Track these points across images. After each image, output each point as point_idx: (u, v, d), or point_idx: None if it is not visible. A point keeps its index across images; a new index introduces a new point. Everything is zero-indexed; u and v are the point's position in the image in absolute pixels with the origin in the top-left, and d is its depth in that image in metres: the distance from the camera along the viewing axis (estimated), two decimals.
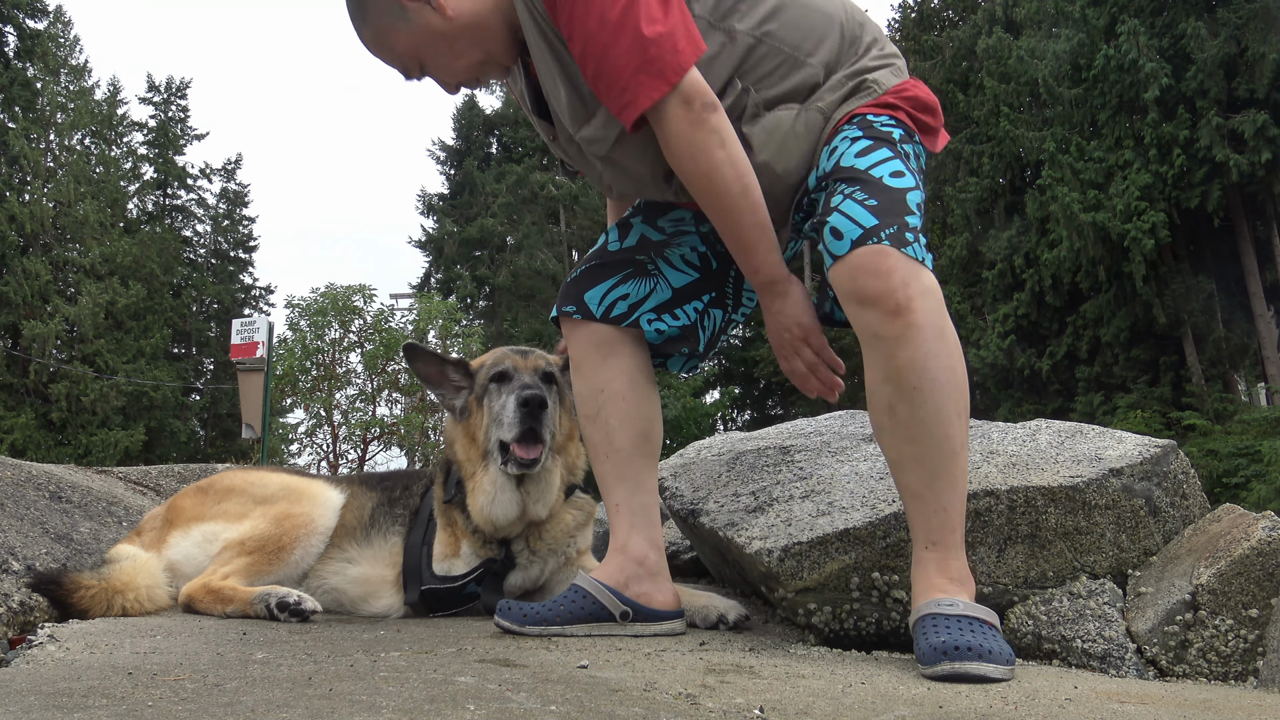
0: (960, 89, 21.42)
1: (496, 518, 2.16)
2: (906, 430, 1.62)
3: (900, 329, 1.57)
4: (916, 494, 1.64)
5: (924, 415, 1.60)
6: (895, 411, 1.62)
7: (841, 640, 1.96)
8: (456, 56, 1.78)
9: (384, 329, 19.07)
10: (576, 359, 1.99)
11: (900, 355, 1.58)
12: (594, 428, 1.96)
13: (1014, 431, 2.26)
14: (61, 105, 26.61)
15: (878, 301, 1.58)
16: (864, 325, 1.61)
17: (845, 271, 1.62)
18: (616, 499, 1.92)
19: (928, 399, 1.59)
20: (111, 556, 2.10)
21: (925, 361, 1.58)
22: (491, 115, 29.96)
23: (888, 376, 1.61)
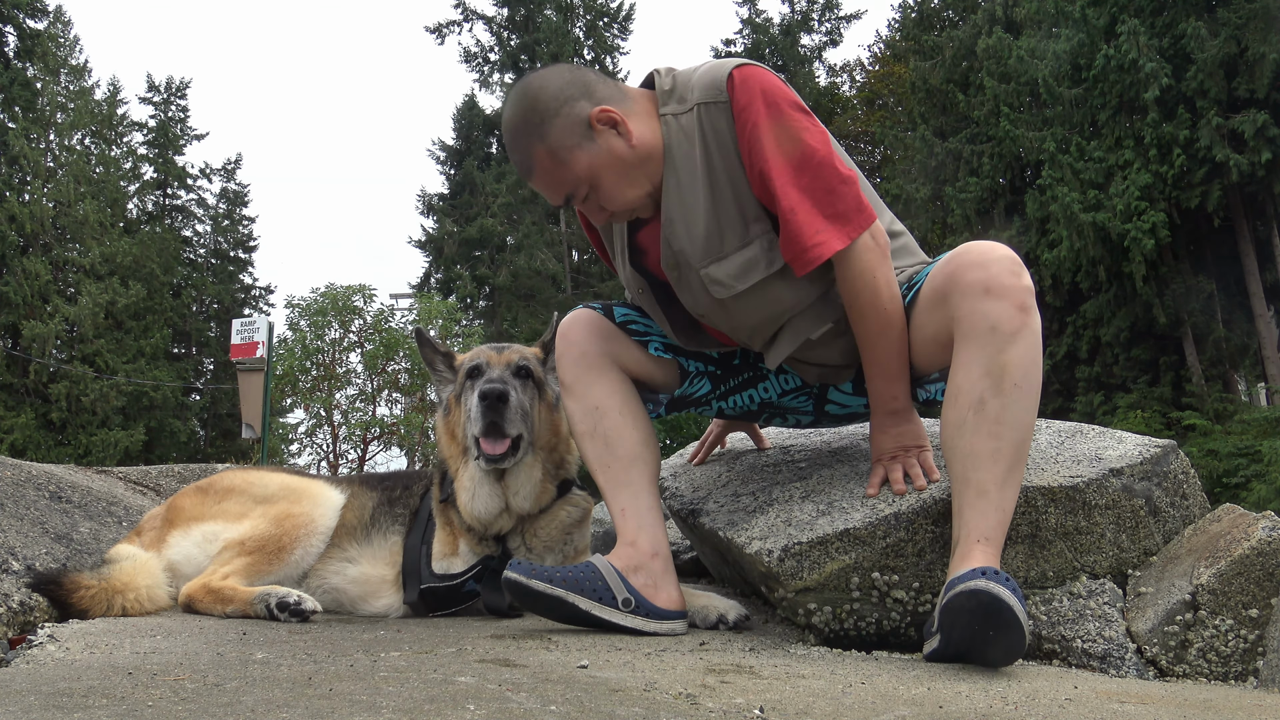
0: (960, 89, 21.40)
1: (479, 512, 2.17)
2: (992, 426, 1.64)
3: (1020, 325, 1.63)
4: (983, 490, 1.65)
5: (1015, 414, 1.64)
6: (985, 406, 1.64)
7: (841, 640, 1.96)
8: (630, 185, 1.83)
9: (384, 329, 19.07)
10: (568, 381, 2.03)
11: (1011, 351, 1.63)
12: (592, 443, 2.00)
13: None
14: (61, 105, 26.61)
15: (1009, 294, 1.63)
16: (983, 315, 1.64)
17: (977, 258, 1.68)
18: (621, 504, 1.95)
19: (1023, 399, 1.64)
20: (111, 556, 2.10)
21: (1032, 363, 1.64)
22: (491, 115, 29.95)
23: (989, 370, 1.64)
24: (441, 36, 29.78)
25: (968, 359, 1.67)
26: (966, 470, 1.68)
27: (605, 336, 2.05)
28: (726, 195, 1.81)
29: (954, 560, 1.68)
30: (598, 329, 2.05)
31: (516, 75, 29.72)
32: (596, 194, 1.84)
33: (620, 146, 1.79)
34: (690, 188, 1.82)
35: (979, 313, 1.65)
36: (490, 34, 29.98)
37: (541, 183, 1.86)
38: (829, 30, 29.36)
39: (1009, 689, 1.44)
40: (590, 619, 1.81)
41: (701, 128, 1.79)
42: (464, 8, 29.61)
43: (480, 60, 30.12)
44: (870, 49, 28.85)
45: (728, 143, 1.78)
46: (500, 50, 29.84)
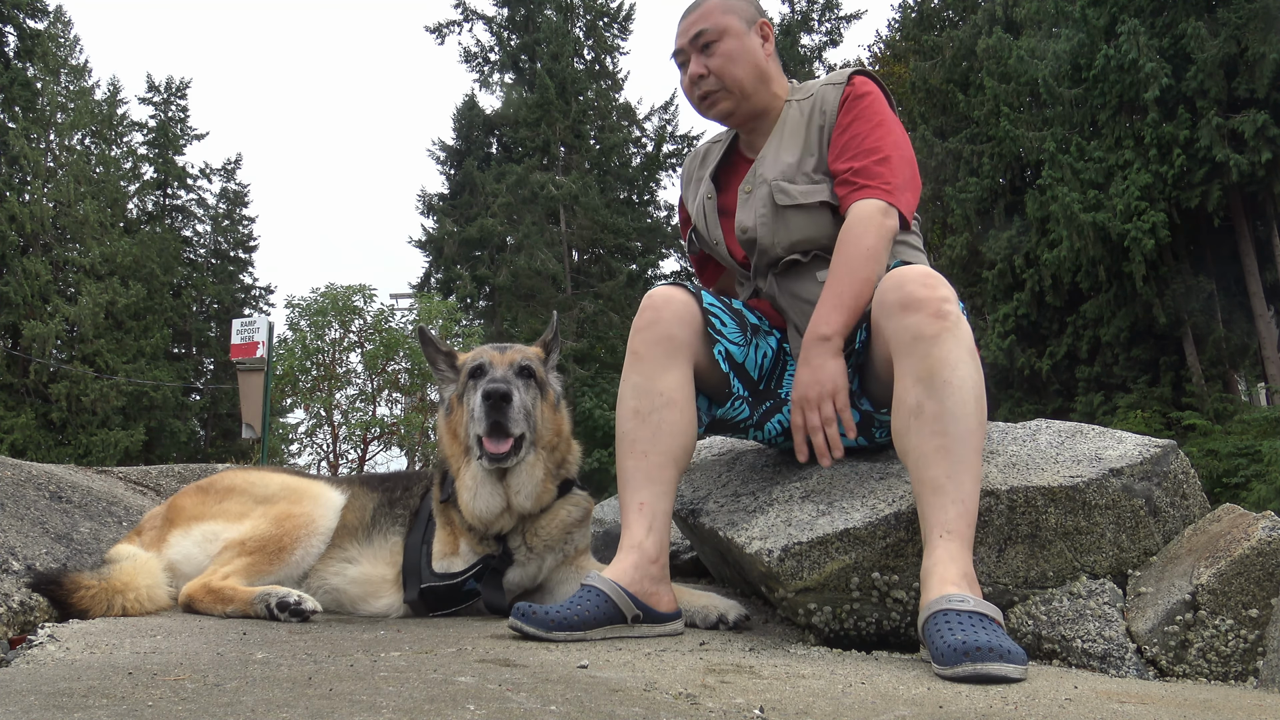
0: (960, 89, 21.38)
1: (481, 512, 2.17)
2: (934, 424, 1.72)
3: (939, 329, 1.75)
4: (938, 486, 1.69)
5: (952, 407, 1.72)
6: (923, 409, 1.74)
7: (841, 640, 1.96)
8: (737, 69, 2.23)
9: (384, 329, 19.06)
10: (640, 350, 2.03)
11: (935, 353, 1.74)
12: (641, 425, 1.98)
13: (1014, 431, 2.26)
14: (61, 105, 26.58)
15: (923, 305, 1.77)
16: (905, 328, 1.78)
17: (894, 281, 1.84)
18: (642, 498, 1.93)
19: (956, 393, 1.72)
20: (111, 556, 2.10)
21: (958, 360, 1.74)
22: (491, 115, 29.93)
23: (919, 376, 1.75)
24: (441, 36, 29.76)
25: (901, 372, 1.80)
26: (918, 470, 1.74)
27: (694, 328, 2.06)
28: (814, 149, 2.20)
29: (924, 562, 1.69)
30: (690, 317, 2.06)
31: (516, 75, 29.72)
32: (714, 49, 2.23)
33: (755, 48, 2.26)
34: (788, 143, 2.23)
35: (901, 327, 1.79)
36: (490, 34, 29.98)
37: (694, 16, 2.27)
38: (829, 30, 29.34)
39: (1009, 689, 1.44)
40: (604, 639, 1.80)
41: (816, 102, 2.22)
42: (464, 8, 29.60)
43: (480, 60, 30.11)
44: (870, 49, 28.79)
45: (830, 112, 2.20)
46: (500, 50, 29.82)
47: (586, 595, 1.81)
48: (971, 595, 1.60)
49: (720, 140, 2.50)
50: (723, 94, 2.26)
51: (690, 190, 2.50)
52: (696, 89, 2.28)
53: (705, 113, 2.31)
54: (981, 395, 1.76)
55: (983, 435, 1.75)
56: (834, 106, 2.19)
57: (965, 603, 1.57)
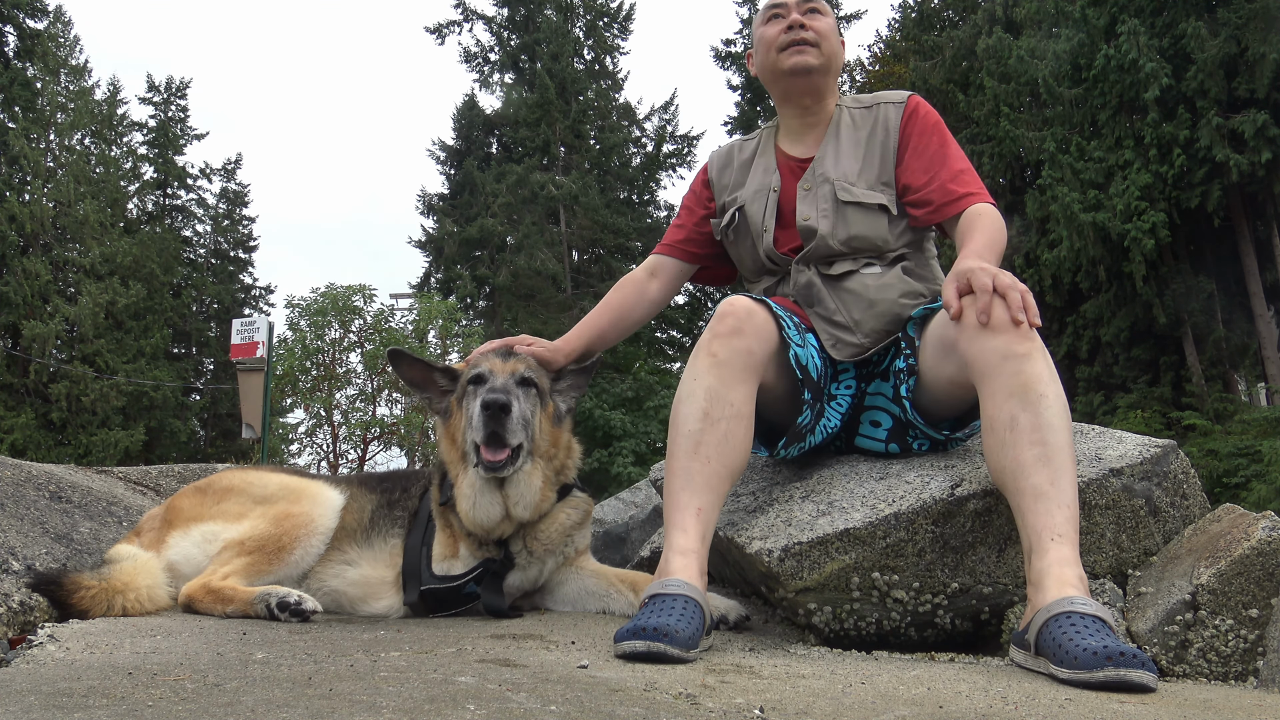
0: (960, 89, 21.39)
1: (479, 519, 2.16)
2: (1031, 434, 1.75)
3: (1029, 348, 1.80)
4: (1041, 493, 1.71)
5: (1050, 419, 1.76)
6: (1017, 422, 1.77)
7: (841, 640, 1.96)
8: (833, 43, 2.41)
9: (384, 329, 19.05)
10: (720, 355, 1.99)
11: (1027, 369, 1.78)
12: (710, 429, 1.93)
13: None
14: (61, 105, 26.57)
15: (1009, 326, 1.81)
16: (994, 349, 1.81)
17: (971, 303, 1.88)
18: (700, 503, 1.87)
19: (1052, 404, 1.77)
20: (111, 556, 2.10)
21: (1049, 377, 1.80)
22: (491, 115, 29.92)
23: (1013, 392, 1.78)
24: (441, 36, 29.76)
25: (990, 390, 1.82)
26: (1018, 481, 1.74)
27: (771, 346, 2.05)
28: (875, 161, 2.33)
29: (1034, 563, 1.66)
30: (769, 335, 2.05)
31: (516, 75, 29.71)
32: (819, 18, 2.40)
33: (839, 40, 2.46)
34: (848, 150, 2.36)
35: (989, 348, 1.82)
36: (490, 34, 29.97)
37: None
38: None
39: (1009, 689, 1.44)
40: (681, 660, 1.61)
41: (875, 117, 2.37)
42: (464, 8, 29.59)
43: (480, 60, 30.10)
44: (870, 49, 28.81)
45: (892, 130, 2.34)
46: (500, 50, 29.81)
47: (688, 606, 1.69)
48: (1092, 600, 1.58)
49: (752, 139, 2.57)
50: (814, 51, 2.37)
51: (726, 176, 2.53)
52: (790, 34, 2.37)
53: (785, 61, 2.37)
54: (1067, 409, 1.82)
55: (1072, 447, 1.78)
56: (896, 124, 2.33)
57: (1089, 606, 1.55)
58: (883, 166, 2.32)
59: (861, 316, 2.22)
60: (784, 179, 2.42)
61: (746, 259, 2.48)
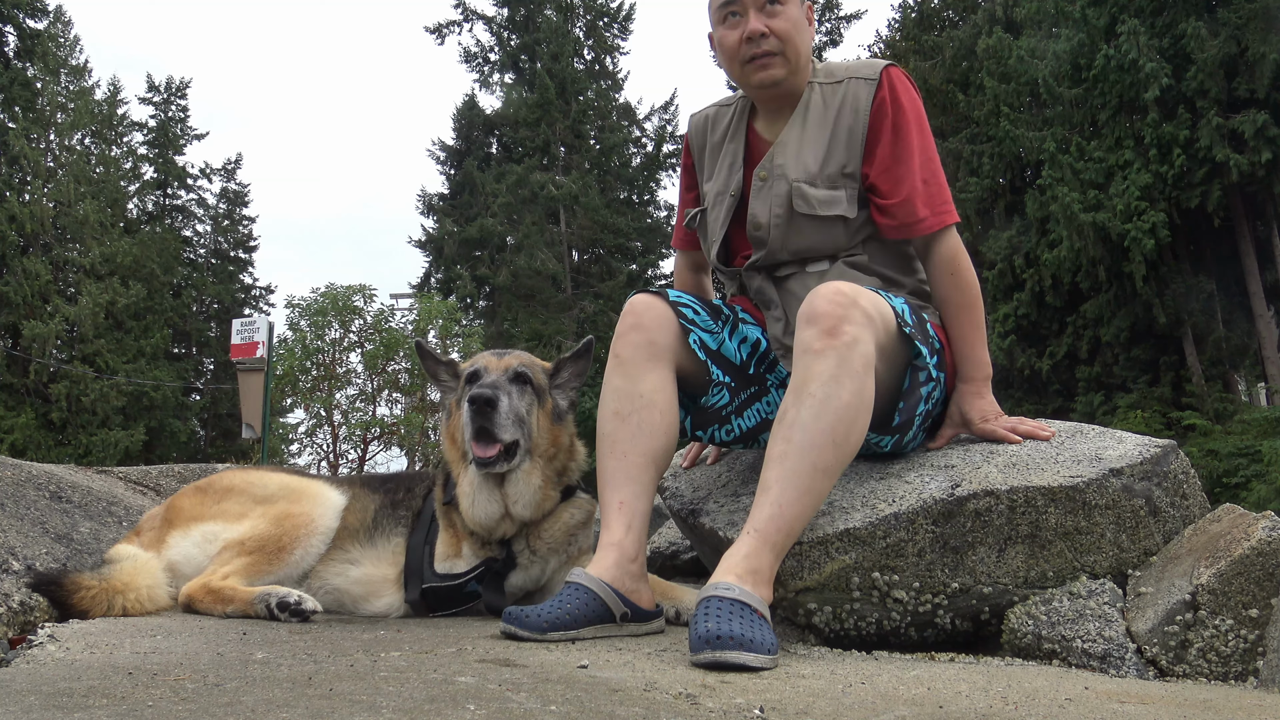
0: (960, 89, 21.38)
1: (480, 518, 2.17)
2: (786, 431, 1.76)
3: (825, 345, 1.78)
4: (765, 487, 1.75)
5: (805, 418, 1.75)
6: (784, 416, 1.78)
7: (841, 640, 1.96)
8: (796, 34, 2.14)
9: (384, 329, 19.05)
10: (622, 354, 2.04)
11: (815, 367, 1.77)
12: (621, 425, 1.98)
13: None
14: (61, 105, 26.56)
15: (819, 320, 1.80)
16: (799, 340, 1.83)
17: (810, 294, 1.87)
18: (621, 497, 1.93)
19: (816, 406, 1.75)
20: (111, 557, 2.10)
21: (830, 377, 1.76)
22: (491, 115, 29.91)
23: (794, 386, 1.80)
24: (441, 36, 29.74)
25: (791, 383, 1.83)
26: (762, 471, 1.78)
27: (674, 332, 2.07)
28: (839, 149, 2.13)
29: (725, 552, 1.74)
30: (669, 322, 2.07)
31: (516, 75, 29.70)
32: (779, 10, 2.12)
33: (805, 24, 2.19)
34: (813, 135, 2.16)
35: (798, 339, 1.84)
36: (490, 34, 29.96)
37: None
38: (829, 30, 29.31)
39: (1009, 689, 1.44)
40: (595, 639, 1.80)
41: (844, 94, 2.14)
42: (464, 8, 29.58)
43: (480, 60, 30.10)
44: (870, 49, 28.78)
45: (862, 112, 2.12)
46: (500, 50, 29.80)
47: (575, 593, 1.80)
48: (739, 585, 1.62)
49: (729, 106, 2.37)
50: (779, 60, 2.13)
51: (703, 159, 2.40)
52: (750, 47, 2.12)
53: (750, 76, 2.16)
54: (849, 418, 1.75)
55: (833, 456, 1.74)
56: (866, 108, 2.11)
57: (730, 590, 1.60)
58: (849, 154, 2.13)
59: None
60: (748, 173, 2.26)
61: (706, 253, 2.41)
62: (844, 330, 1.78)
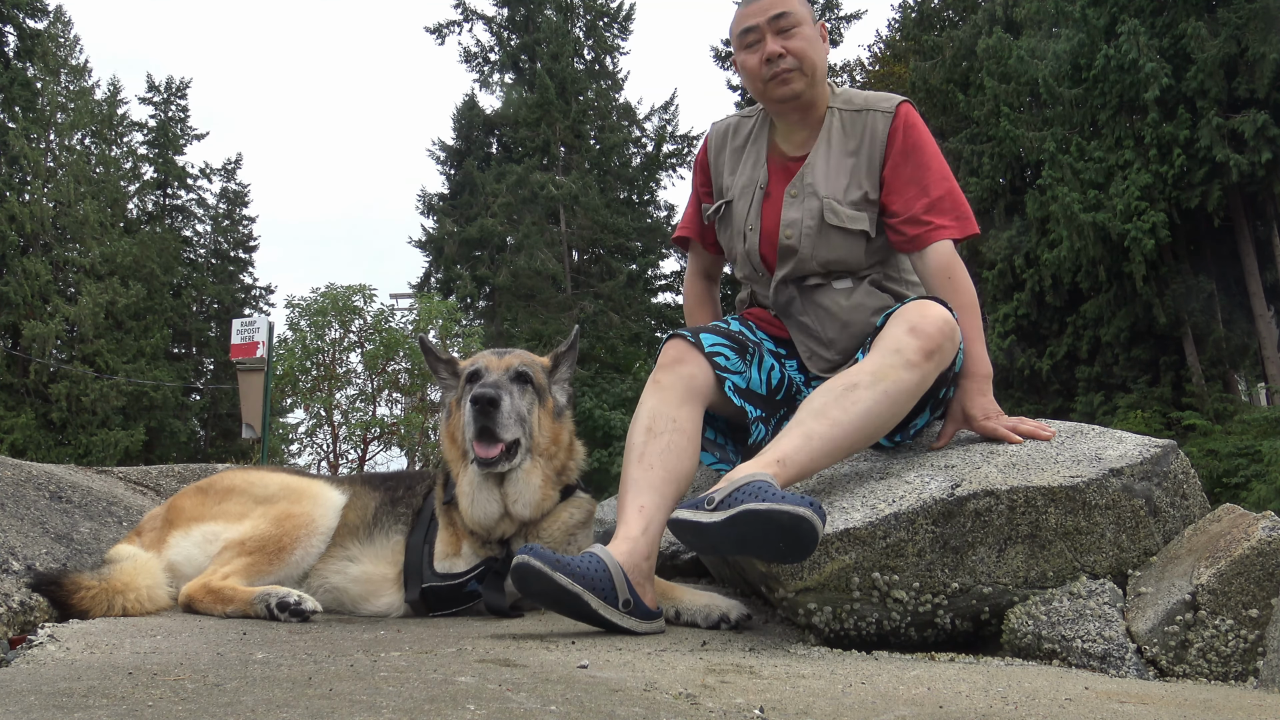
0: (960, 89, 21.37)
1: (478, 517, 2.17)
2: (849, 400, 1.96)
3: (919, 361, 2.00)
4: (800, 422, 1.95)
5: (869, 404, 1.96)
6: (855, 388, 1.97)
7: (841, 640, 1.96)
8: (812, 53, 2.34)
9: (384, 329, 19.04)
10: (663, 381, 2.17)
11: (903, 375, 1.99)
12: (652, 441, 2.08)
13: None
14: (61, 105, 26.55)
15: (924, 339, 2.01)
16: (896, 338, 2.04)
17: (920, 309, 2.09)
18: (642, 502, 1.99)
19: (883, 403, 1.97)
20: (111, 557, 2.10)
21: (909, 395, 2.01)
22: (491, 115, 29.90)
23: (871, 371, 2.00)
24: (441, 36, 29.75)
25: (869, 358, 2.04)
26: (802, 414, 1.97)
27: (710, 380, 2.19)
28: (861, 178, 2.34)
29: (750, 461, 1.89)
30: (705, 371, 2.20)
31: (516, 75, 29.69)
32: (794, 33, 2.33)
33: (819, 41, 2.39)
34: (837, 156, 2.36)
35: (892, 335, 2.03)
36: (490, 34, 29.96)
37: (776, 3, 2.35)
38: (829, 30, 29.31)
39: (1009, 689, 1.44)
40: (596, 618, 1.82)
41: (863, 125, 2.35)
42: (464, 8, 29.58)
43: (480, 60, 30.09)
44: (870, 49, 28.80)
45: (878, 144, 2.33)
46: (500, 50, 29.80)
47: (591, 560, 1.83)
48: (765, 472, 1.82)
49: (750, 118, 2.56)
50: (798, 75, 2.33)
51: (722, 160, 2.56)
52: (770, 67, 2.32)
53: (772, 92, 2.35)
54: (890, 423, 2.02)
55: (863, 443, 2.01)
56: (882, 138, 2.33)
57: (759, 475, 1.79)
58: (869, 181, 2.35)
59: (836, 336, 2.34)
60: (772, 176, 2.44)
61: (730, 251, 2.55)
62: (936, 358, 2.01)
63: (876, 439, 2.06)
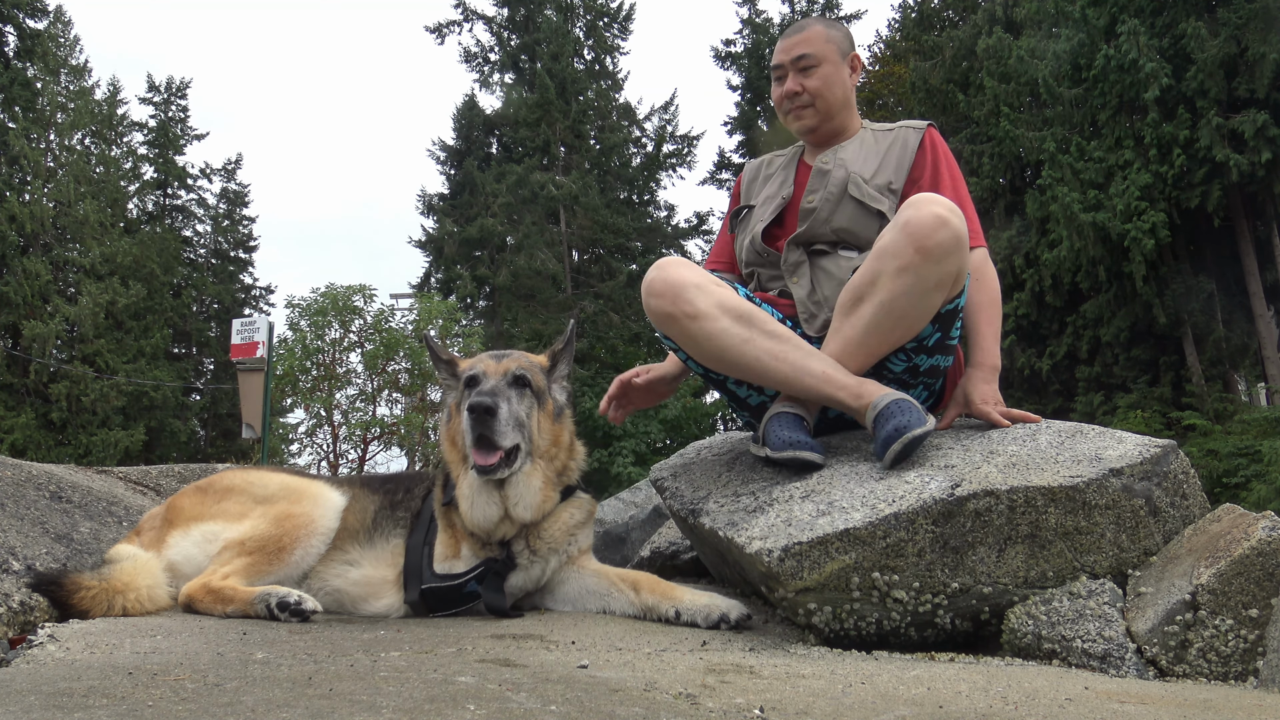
0: (960, 89, 21.36)
1: (479, 521, 2.16)
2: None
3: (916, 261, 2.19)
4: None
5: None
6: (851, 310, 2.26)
7: (841, 640, 1.96)
8: (829, 91, 2.62)
9: (384, 329, 19.04)
10: (702, 309, 2.29)
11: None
12: (764, 341, 2.27)
13: (1014, 431, 2.26)
14: (61, 105, 26.53)
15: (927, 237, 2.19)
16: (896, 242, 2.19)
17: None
18: (822, 367, 2.22)
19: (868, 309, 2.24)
20: (111, 557, 2.10)
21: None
22: (491, 115, 29.89)
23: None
24: (441, 36, 29.74)
25: (865, 263, 2.28)
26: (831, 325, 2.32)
27: (714, 279, 2.36)
28: (889, 168, 2.56)
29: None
30: (704, 273, 2.36)
31: (516, 75, 29.69)
32: (813, 73, 2.61)
33: (845, 78, 2.66)
34: (868, 153, 2.60)
35: (888, 235, 2.22)
36: (490, 34, 29.95)
37: (798, 38, 2.64)
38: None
39: (1009, 689, 1.44)
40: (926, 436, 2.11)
41: (895, 136, 2.63)
42: (464, 8, 29.57)
43: (480, 60, 30.09)
44: (870, 49, 28.75)
45: (910, 148, 2.58)
46: (500, 50, 29.79)
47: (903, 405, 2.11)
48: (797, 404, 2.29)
49: (784, 154, 2.84)
50: (810, 110, 2.63)
51: (754, 188, 2.82)
52: (790, 102, 2.65)
53: (790, 124, 2.68)
54: (885, 315, 2.20)
55: (872, 341, 2.23)
56: (914, 145, 2.59)
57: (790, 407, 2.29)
58: (896, 175, 2.54)
59: (830, 293, 2.46)
60: (799, 185, 2.66)
61: (743, 250, 2.71)
62: (935, 256, 2.12)
63: (900, 343, 2.25)
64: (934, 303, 2.19)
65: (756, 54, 28.95)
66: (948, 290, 2.22)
